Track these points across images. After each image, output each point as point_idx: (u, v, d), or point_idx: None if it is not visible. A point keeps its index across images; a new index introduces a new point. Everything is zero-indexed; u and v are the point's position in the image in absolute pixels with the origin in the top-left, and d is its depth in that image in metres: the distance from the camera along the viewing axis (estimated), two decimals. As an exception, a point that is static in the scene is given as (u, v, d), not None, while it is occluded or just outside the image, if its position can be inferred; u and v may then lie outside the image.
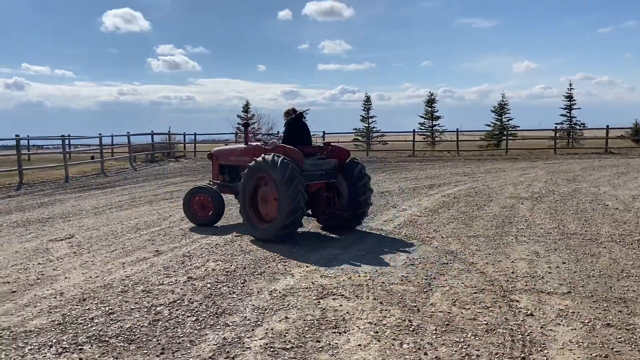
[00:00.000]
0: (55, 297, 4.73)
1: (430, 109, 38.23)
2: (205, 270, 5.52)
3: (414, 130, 28.99)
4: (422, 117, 38.69)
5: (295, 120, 7.64)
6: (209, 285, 4.99)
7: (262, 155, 7.00)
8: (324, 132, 29.74)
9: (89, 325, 4.03)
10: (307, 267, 5.58)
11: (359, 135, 36.54)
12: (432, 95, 38.98)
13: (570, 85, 38.80)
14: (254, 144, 8.22)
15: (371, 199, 7.63)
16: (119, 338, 3.76)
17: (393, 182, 14.37)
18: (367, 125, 38.70)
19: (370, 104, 39.52)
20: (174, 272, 5.48)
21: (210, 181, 9.06)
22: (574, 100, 36.73)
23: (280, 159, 6.66)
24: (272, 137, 9.14)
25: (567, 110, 36.65)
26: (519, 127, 35.50)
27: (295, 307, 4.33)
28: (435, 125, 38.10)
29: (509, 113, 36.44)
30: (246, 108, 38.00)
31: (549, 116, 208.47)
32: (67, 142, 22.78)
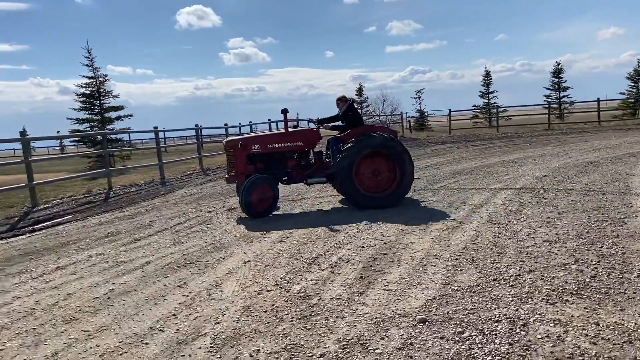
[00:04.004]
0: (430, 259, 4.98)
1: (557, 79, 35.99)
2: (548, 235, 5.55)
3: (548, 102, 27.50)
4: (547, 88, 36.56)
5: (354, 106, 8.82)
6: (576, 247, 5.01)
7: (372, 134, 7.87)
8: (449, 110, 29.20)
9: (527, 281, 4.17)
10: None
11: (480, 112, 35.36)
12: (559, 65, 36.63)
13: None
14: (302, 128, 8.99)
15: None
16: (587, 292, 3.86)
17: (579, 154, 13.71)
18: (487, 101, 37.29)
19: (491, 79, 37.96)
20: (512, 239, 5.57)
21: (229, 174, 8.23)
22: None
23: (396, 139, 7.91)
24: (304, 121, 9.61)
25: None
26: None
27: None
28: (563, 96, 35.86)
29: (647, 79, 33.38)
30: (359, 91, 38.26)
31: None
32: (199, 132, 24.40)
